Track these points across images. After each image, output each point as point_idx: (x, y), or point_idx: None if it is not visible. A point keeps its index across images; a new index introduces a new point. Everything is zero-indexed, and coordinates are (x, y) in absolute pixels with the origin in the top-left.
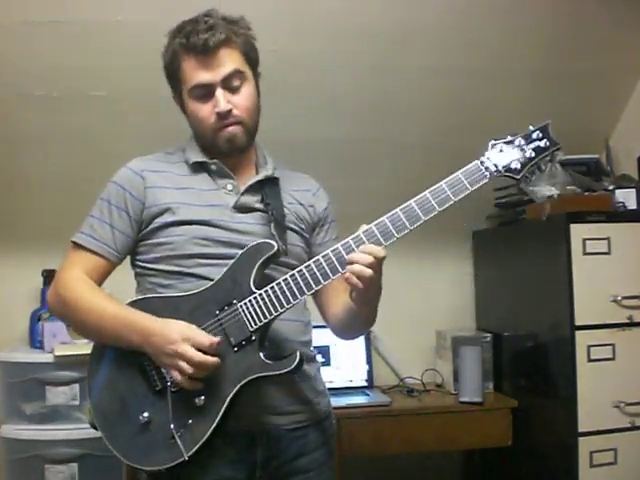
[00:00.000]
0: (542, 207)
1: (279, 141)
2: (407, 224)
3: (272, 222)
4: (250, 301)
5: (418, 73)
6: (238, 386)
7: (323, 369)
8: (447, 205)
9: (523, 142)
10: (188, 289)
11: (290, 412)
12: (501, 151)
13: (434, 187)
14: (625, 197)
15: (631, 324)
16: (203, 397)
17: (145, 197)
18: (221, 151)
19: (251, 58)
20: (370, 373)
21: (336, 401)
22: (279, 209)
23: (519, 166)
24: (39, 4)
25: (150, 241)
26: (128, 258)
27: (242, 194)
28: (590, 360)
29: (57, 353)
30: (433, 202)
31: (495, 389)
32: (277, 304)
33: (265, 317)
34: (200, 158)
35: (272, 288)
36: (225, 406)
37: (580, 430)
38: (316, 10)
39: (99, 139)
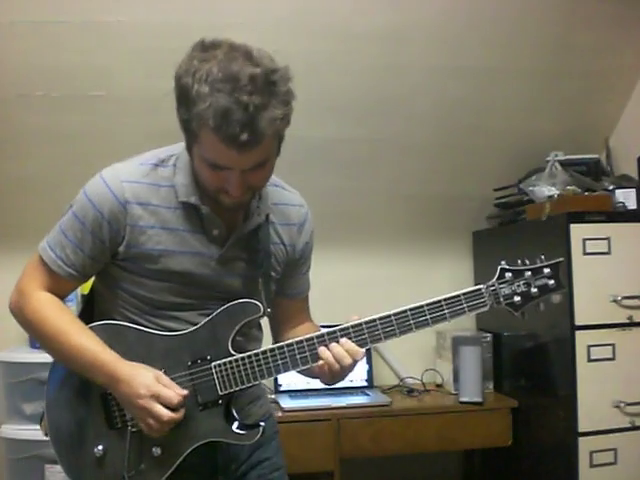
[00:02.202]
0: (542, 207)
1: None
2: (397, 331)
3: (261, 277)
4: (225, 364)
5: (420, 73)
6: (196, 445)
7: None
8: (440, 324)
9: (532, 277)
10: (160, 325)
11: (243, 417)
12: (507, 281)
13: (432, 302)
14: (625, 197)
15: (631, 324)
16: (160, 448)
17: (125, 232)
18: (221, 206)
19: (282, 135)
20: (370, 373)
21: (336, 401)
22: (267, 259)
23: (520, 302)
24: (39, 4)
25: (123, 272)
26: None
27: (229, 247)
28: (590, 360)
29: None
30: (428, 317)
31: (495, 389)
32: (251, 376)
33: (237, 385)
34: (190, 199)
35: (249, 357)
36: (179, 460)
37: (580, 430)
38: (317, 10)
39: (99, 139)
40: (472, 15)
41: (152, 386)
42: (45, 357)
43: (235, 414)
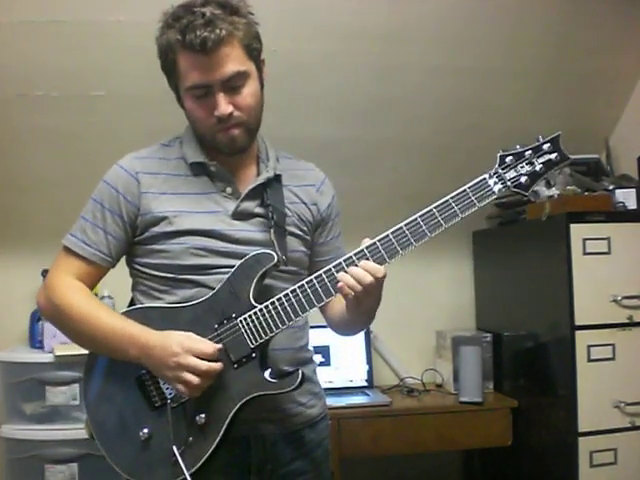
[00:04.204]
0: (542, 207)
1: (279, 141)
2: (412, 240)
3: (272, 227)
4: (250, 316)
5: (421, 74)
6: (239, 404)
7: (323, 369)
8: (454, 222)
9: (533, 155)
10: (184, 295)
11: (286, 416)
12: (509, 165)
13: (440, 202)
14: (625, 197)
15: (631, 324)
16: (204, 415)
17: (140, 202)
18: (222, 152)
19: (253, 50)
20: (370, 373)
21: (336, 401)
22: (280, 212)
23: (528, 181)
24: (39, 4)
25: (145, 247)
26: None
27: (242, 200)
28: (590, 360)
29: (57, 353)
30: (439, 218)
31: (495, 389)
32: (278, 321)
33: (266, 334)
34: (199, 158)
35: (272, 304)
36: (226, 424)
37: (580, 430)
38: (317, 10)
39: (99, 139)
40: (472, 15)
41: (184, 342)
42: (45, 357)
43: (270, 365)
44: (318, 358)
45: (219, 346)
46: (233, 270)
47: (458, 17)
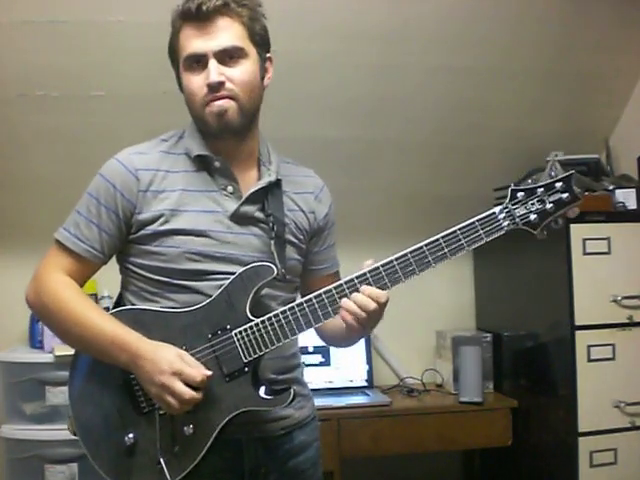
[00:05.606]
0: None
1: (278, 141)
2: (416, 270)
3: (273, 239)
4: (245, 330)
5: (421, 74)
6: (228, 418)
7: (323, 369)
8: (460, 254)
9: (544, 193)
10: (178, 300)
11: (277, 419)
12: (520, 200)
13: (447, 233)
14: (625, 197)
15: (631, 324)
16: (192, 426)
17: (137, 200)
18: (211, 129)
19: (257, 35)
20: (370, 373)
21: (336, 401)
22: (280, 222)
23: (537, 220)
24: (39, 4)
25: (140, 246)
26: None
27: (242, 203)
28: (590, 360)
29: (57, 353)
30: (446, 250)
31: (495, 389)
32: (274, 338)
33: (260, 350)
34: (203, 151)
35: (269, 319)
36: (214, 436)
37: (580, 430)
38: (317, 10)
39: (99, 139)
40: (472, 15)
41: (175, 363)
42: (45, 357)
43: (262, 379)
44: (318, 358)
45: (209, 373)
46: (231, 279)
47: (458, 17)
